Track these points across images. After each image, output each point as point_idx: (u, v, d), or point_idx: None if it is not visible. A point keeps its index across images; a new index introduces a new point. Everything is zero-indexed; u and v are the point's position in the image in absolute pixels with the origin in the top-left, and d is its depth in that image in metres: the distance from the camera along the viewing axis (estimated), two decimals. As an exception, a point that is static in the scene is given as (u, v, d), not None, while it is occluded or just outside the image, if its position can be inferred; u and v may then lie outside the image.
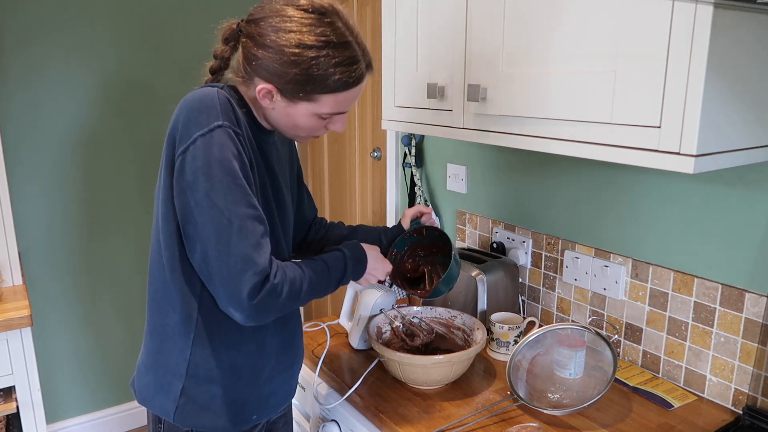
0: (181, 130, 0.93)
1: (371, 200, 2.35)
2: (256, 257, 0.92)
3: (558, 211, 1.51)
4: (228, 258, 0.91)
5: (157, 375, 1.06)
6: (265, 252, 0.94)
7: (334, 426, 1.30)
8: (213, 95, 0.94)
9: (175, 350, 1.04)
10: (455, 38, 1.21)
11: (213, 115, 0.92)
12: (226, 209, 0.91)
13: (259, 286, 0.92)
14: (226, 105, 0.94)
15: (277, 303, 0.95)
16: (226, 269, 0.91)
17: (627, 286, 1.36)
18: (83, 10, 2.23)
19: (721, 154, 0.88)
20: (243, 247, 0.91)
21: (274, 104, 0.99)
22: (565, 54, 1.00)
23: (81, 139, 2.32)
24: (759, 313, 1.13)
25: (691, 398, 1.23)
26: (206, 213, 0.91)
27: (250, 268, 0.91)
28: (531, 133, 1.08)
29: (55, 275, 2.36)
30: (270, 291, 0.94)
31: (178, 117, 0.95)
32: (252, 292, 0.92)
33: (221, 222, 0.91)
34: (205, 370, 1.04)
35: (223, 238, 0.91)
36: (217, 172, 0.90)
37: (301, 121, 1.01)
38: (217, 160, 0.90)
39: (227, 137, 0.92)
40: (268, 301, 0.94)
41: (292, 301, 0.98)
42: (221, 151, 0.91)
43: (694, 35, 0.81)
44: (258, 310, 0.94)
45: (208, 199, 0.91)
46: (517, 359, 1.22)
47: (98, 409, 2.56)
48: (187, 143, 0.91)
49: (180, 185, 0.93)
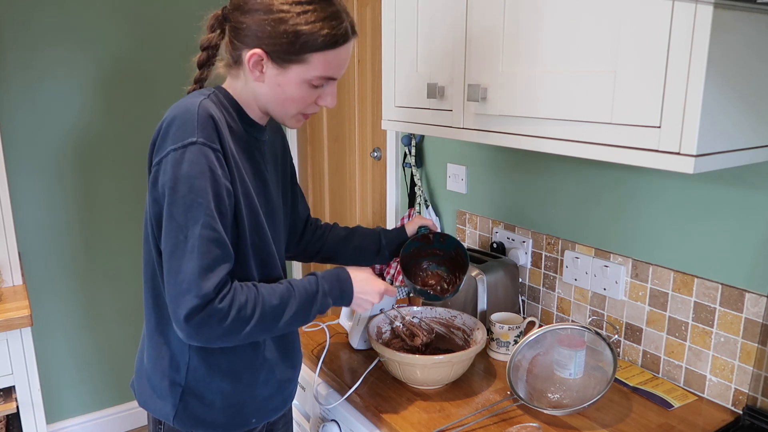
0: (159, 141, 0.94)
1: (371, 200, 2.34)
2: (201, 280, 0.90)
3: (558, 211, 1.51)
4: (177, 275, 0.91)
5: (157, 379, 1.06)
6: (214, 276, 0.91)
7: (334, 426, 1.30)
8: (193, 109, 0.93)
9: (174, 355, 1.04)
10: (455, 38, 1.21)
11: (189, 131, 0.91)
12: (184, 226, 0.91)
13: (197, 309, 0.90)
14: (206, 120, 0.93)
15: (220, 327, 0.93)
16: (172, 286, 0.91)
17: (627, 286, 1.36)
18: (84, 10, 2.23)
19: (721, 154, 0.88)
20: (191, 268, 0.90)
21: (265, 75, 0.98)
22: (565, 54, 1.00)
23: (81, 140, 2.32)
24: (759, 313, 1.13)
25: (691, 398, 1.23)
26: (167, 226, 0.92)
27: (192, 289, 0.90)
28: (531, 133, 1.08)
29: (55, 275, 2.36)
30: (210, 314, 0.91)
31: (160, 126, 0.95)
32: (189, 314, 0.90)
33: (178, 238, 0.91)
34: (203, 375, 1.05)
35: (177, 254, 0.91)
36: (182, 188, 0.90)
37: (292, 91, 0.99)
38: (184, 177, 0.90)
39: (200, 154, 0.91)
40: (207, 323, 0.92)
41: (241, 328, 0.95)
42: (190, 168, 0.90)
43: (694, 35, 0.81)
44: (196, 332, 0.92)
45: (169, 213, 0.91)
46: (517, 359, 1.21)
47: (98, 409, 2.56)
48: (162, 155, 0.92)
49: (152, 195, 0.95)
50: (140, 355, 1.13)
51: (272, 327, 0.99)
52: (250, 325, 0.96)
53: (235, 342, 0.97)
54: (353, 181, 2.44)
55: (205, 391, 1.05)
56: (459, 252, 1.34)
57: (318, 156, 2.68)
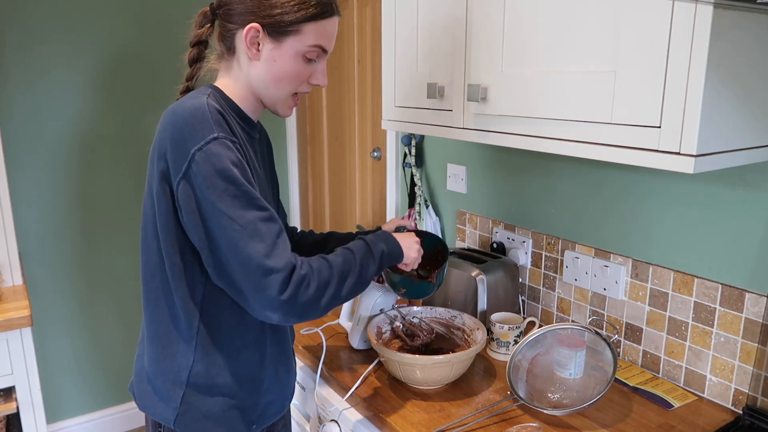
0: (174, 146, 0.92)
1: (371, 200, 2.34)
2: (275, 257, 0.92)
3: (558, 211, 1.51)
4: (249, 264, 0.91)
5: (158, 382, 1.06)
6: (284, 249, 0.94)
7: (334, 426, 1.30)
8: (203, 108, 0.93)
9: (176, 358, 1.04)
10: (455, 38, 1.21)
11: (207, 128, 0.92)
12: (236, 216, 0.91)
13: (286, 281, 0.92)
14: (218, 115, 0.94)
15: (308, 294, 0.94)
16: (251, 275, 0.91)
17: (627, 286, 1.36)
18: (84, 9, 2.23)
19: (721, 154, 0.88)
20: (261, 250, 0.91)
21: (261, 53, 1.00)
22: (565, 54, 1.00)
23: (81, 140, 2.32)
24: (759, 313, 1.13)
25: (691, 398, 1.23)
26: (217, 223, 0.91)
27: (272, 269, 0.91)
28: (531, 133, 1.08)
29: (55, 275, 2.36)
30: (299, 282, 0.93)
31: (165, 132, 0.94)
32: (281, 288, 0.91)
33: (234, 229, 0.91)
34: (206, 379, 1.04)
35: (240, 245, 0.91)
36: (220, 183, 0.91)
37: (287, 66, 1.01)
38: (217, 172, 0.90)
39: (224, 147, 0.92)
40: (299, 293, 0.93)
41: (326, 290, 0.97)
42: (219, 161, 0.91)
43: (694, 35, 0.81)
44: (293, 304, 0.93)
45: (216, 210, 0.91)
46: (517, 359, 1.21)
47: (98, 409, 2.56)
48: (187, 161, 0.91)
49: (191, 205, 0.93)
50: (140, 357, 1.12)
51: (347, 284, 1.01)
52: (332, 287, 0.98)
53: (322, 309, 0.98)
54: (353, 181, 2.44)
55: (207, 396, 1.05)
56: (439, 248, 1.32)
57: (318, 156, 2.68)
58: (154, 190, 0.98)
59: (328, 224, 2.67)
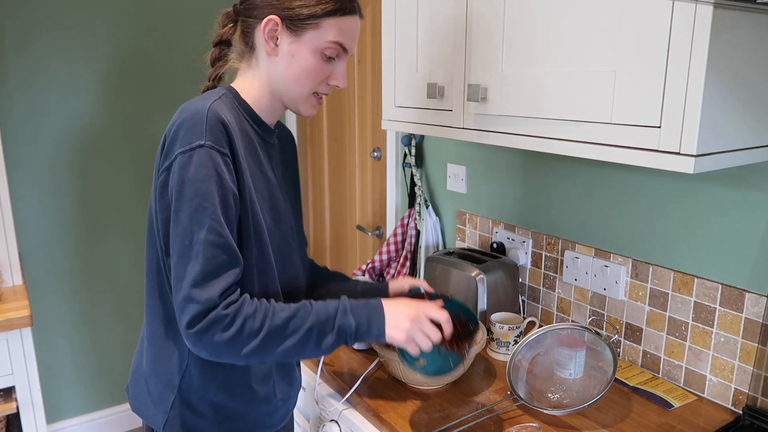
0: (168, 144, 0.93)
1: (371, 200, 2.35)
2: (203, 287, 0.88)
3: (558, 211, 1.51)
4: (181, 281, 0.89)
5: (151, 384, 1.05)
6: (218, 282, 0.89)
7: (334, 426, 1.30)
8: (202, 112, 0.91)
9: (171, 360, 1.02)
10: (455, 38, 1.21)
11: (197, 134, 0.90)
12: (189, 231, 0.89)
13: (199, 316, 0.88)
14: (215, 123, 0.91)
15: (223, 337, 0.89)
16: (177, 292, 0.90)
17: (627, 286, 1.36)
18: (84, 7, 2.23)
19: (721, 154, 0.88)
20: (194, 274, 0.88)
21: (279, 47, 0.98)
22: (565, 54, 1.00)
23: (81, 140, 2.32)
24: (759, 313, 1.13)
25: (691, 398, 1.23)
26: (173, 231, 0.91)
27: (194, 296, 0.88)
28: (531, 133, 1.08)
29: (55, 275, 2.36)
30: (213, 321, 0.88)
31: (170, 129, 0.94)
32: (191, 321, 0.88)
33: (183, 243, 0.89)
34: (198, 386, 1.02)
35: (182, 259, 0.89)
36: (188, 192, 0.89)
37: (306, 62, 0.98)
38: (190, 180, 0.89)
39: (208, 157, 0.89)
40: (209, 331, 0.88)
41: (247, 340, 0.90)
42: (197, 171, 0.89)
43: (694, 35, 0.81)
44: (199, 341, 0.89)
45: (175, 217, 0.90)
46: (517, 359, 1.21)
47: (98, 410, 2.56)
48: (171, 160, 0.91)
49: (163, 202, 0.94)
50: (138, 358, 1.11)
51: (283, 343, 0.92)
52: (257, 339, 0.91)
53: (242, 358, 0.91)
54: (353, 181, 2.44)
55: (198, 402, 1.03)
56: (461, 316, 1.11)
57: (318, 156, 2.68)
58: (153, 185, 0.98)
59: (328, 224, 2.67)
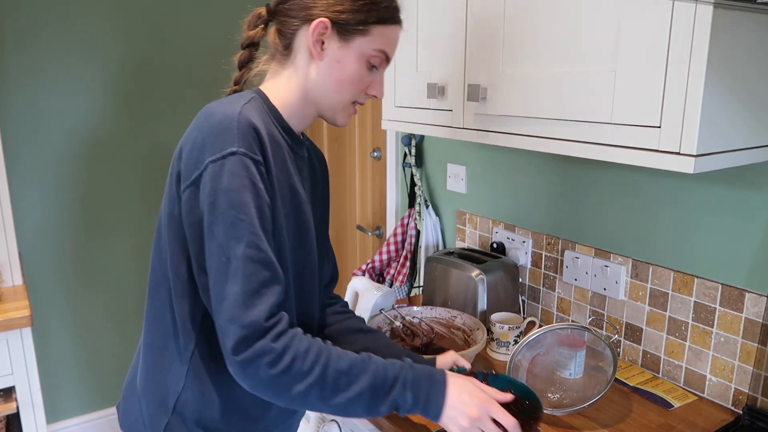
0: (192, 150, 0.85)
1: (371, 200, 2.35)
2: (246, 307, 0.80)
3: (558, 211, 1.51)
4: (222, 302, 0.82)
5: (143, 403, 0.98)
6: (261, 302, 0.81)
7: (334, 426, 1.30)
8: (233, 116, 0.84)
9: (167, 379, 0.95)
10: (455, 38, 1.21)
11: (228, 140, 0.83)
12: (225, 246, 0.81)
13: (245, 343, 0.80)
14: (247, 128, 0.84)
15: (268, 373, 0.81)
16: (218, 314, 0.82)
17: (627, 286, 1.36)
18: (84, 7, 2.23)
19: (721, 154, 0.88)
20: (235, 294, 0.81)
21: (325, 52, 0.93)
22: (566, 54, 1.00)
23: (82, 139, 2.32)
24: (759, 313, 1.13)
25: (691, 398, 1.23)
26: (208, 247, 0.83)
27: (236, 318, 0.80)
28: (531, 133, 1.08)
29: (55, 275, 2.36)
30: (260, 352, 0.80)
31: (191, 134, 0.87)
32: (236, 347, 0.80)
33: (220, 260, 0.82)
34: (193, 410, 0.94)
35: (220, 278, 0.82)
36: (222, 204, 0.82)
37: (351, 69, 0.94)
38: (224, 191, 0.81)
39: (241, 165, 0.82)
40: (255, 363, 0.80)
41: (293, 382, 0.82)
42: (231, 180, 0.82)
43: (694, 35, 0.81)
44: (243, 371, 0.81)
45: (210, 232, 0.83)
46: (517, 359, 1.21)
47: (98, 409, 2.56)
48: (200, 170, 0.83)
49: (192, 216, 0.85)
50: (132, 373, 1.03)
51: (332, 397, 0.84)
52: (304, 383, 0.82)
53: (285, 400, 0.83)
54: (353, 181, 2.44)
55: (193, 428, 0.95)
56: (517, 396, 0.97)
57: (318, 156, 2.68)
58: (167, 192, 0.91)
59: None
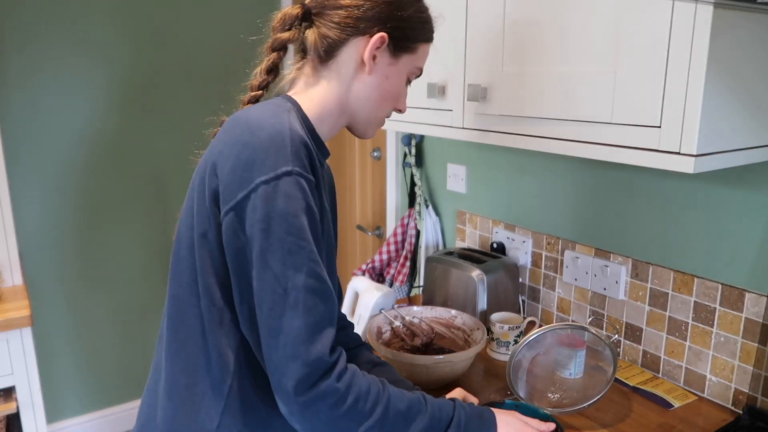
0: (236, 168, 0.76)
1: (371, 200, 2.35)
2: (309, 343, 0.74)
3: (558, 211, 1.51)
4: (278, 337, 0.74)
5: None
6: (324, 338, 0.75)
7: None
8: (284, 132, 0.77)
9: (197, 421, 0.84)
10: (455, 38, 1.21)
11: (282, 159, 0.75)
12: (282, 276, 0.74)
13: (308, 381, 0.74)
14: (300, 145, 0.77)
15: (330, 415, 0.75)
16: (274, 350, 0.75)
17: (627, 286, 1.36)
18: (85, 5, 2.23)
19: (721, 154, 0.88)
20: (296, 328, 0.74)
21: (376, 66, 0.90)
22: (565, 54, 1.00)
23: (82, 139, 2.32)
24: (759, 313, 1.13)
25: (691, 398, 1.23)
26: (260, 276, 0.75)
27: (299, 355, 0.73)
28: (531, 133, 1.08)
29: (55, 275, 2.36)
30: (325, 393, 0.74)
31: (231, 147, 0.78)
32: (299, 386, 0.73)
33: (275, 291, 0.74)
34: None
35: (275, 311, 0.74)
36: (278, 229, 0.74)
37: (396, 85, 0.93)
38: (280, 215, 0.74)
39: (297, 187, 0.75)
40: (317, 404, 0.74)
41: (354, 423, 0.77)
42: (287, 203, 0.74)
43: (694, 35, 0.81)
44: (301, 412, 0.74)
45: (263, 260, 0.74)
46: (517, 359, 1.21)
47: (98, 409, 2.56)
48: (247, 190, 0.75)
49: (236, 241, 0.77)
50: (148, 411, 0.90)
51: None
52: (365, 424, 0.77)
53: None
54: (353, 181, 2.44)
55: None
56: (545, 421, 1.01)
57: (318, 156, 2.67)
58: (198, 210, 0.81)
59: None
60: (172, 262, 0.86)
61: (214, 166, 0.79)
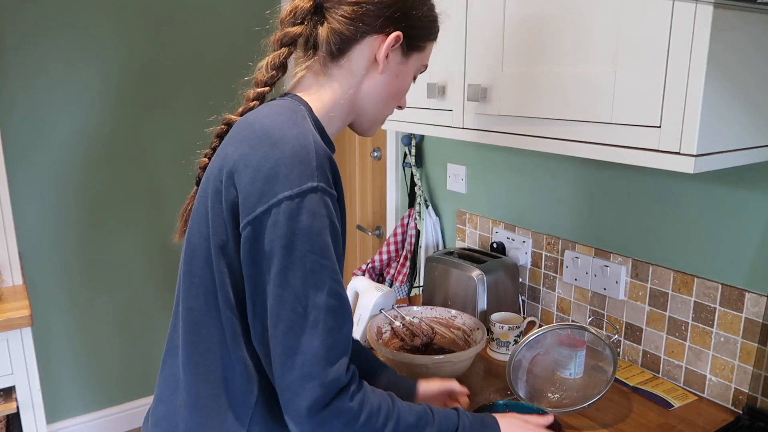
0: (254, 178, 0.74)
1: (371, 200, 2.35)
2: (327, 364, 0.73)
3: (558, 211, 1.51)
4: (294, 356, 0.73)
5: None
6: (342, 358, 0.75)
7: None
8: (308, 145, 0.74)
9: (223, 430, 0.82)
10: (455, 38, 1.22)
11: (307, 174, 0.73)
12: (303, 295, 0.72)
13: (322, 402, 0.73)
14: (324, 159, 0.75)
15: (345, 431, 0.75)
16: (288, 369, 0.73)
17: (627, 286, 1.36)
18: (86, 7, 2.23)
19: (721, 154, 0.88)
20: (315, 348, 0.72)
21: (388, 65, 0.88)
22: (565, 54, 1.00)
23: (82, 139, 2.32)
24: (759, 313, 1.13)
25: (691, 398, 1.23)
26: (277, 294, 0.73)
27: (316, 375, 0.72)
28: (531, 133, 1.08)
29: (55, 275, 2.36)
30: (338, 412, 0.74)
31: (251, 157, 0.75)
32: (313, 407, 0.72)
33: (294, 310, 0.72)
34: None
35: (293, 329, 0.73)
36: (301, 247, 0.72)
37: (405, 83, 0.93)
38: (304, 232, 0.72)
39: (321, 204, 0.73)
40: (333, 424, 0.74)
41: None
42: (311, 220, 0.72)
43: (694, 35, 0.81)
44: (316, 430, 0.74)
45: (282, 277, 0.72)
46: (517, 359, 1.21)
47: (98, 409, 2.56)
48: (268, 204, 0.73)
49: (253, 255, 0.75)
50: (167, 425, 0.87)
51: None
52: None
53: None
54: (353, 181, 2.44)
55: None
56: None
57: (318, 156, 2.68)
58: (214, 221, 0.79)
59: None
60: (185, 273, 0.83)
61: (231, 174, 0.76)
